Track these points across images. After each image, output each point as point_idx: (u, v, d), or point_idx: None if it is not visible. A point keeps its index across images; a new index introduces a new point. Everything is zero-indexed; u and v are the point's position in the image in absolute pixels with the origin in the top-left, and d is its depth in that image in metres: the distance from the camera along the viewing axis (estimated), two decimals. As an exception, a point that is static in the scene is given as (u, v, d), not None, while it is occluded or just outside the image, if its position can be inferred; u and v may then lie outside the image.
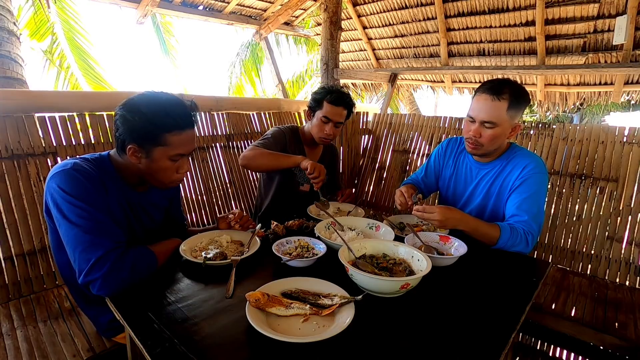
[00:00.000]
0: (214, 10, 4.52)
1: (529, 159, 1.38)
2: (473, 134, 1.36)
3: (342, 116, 1.80)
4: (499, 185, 1.44)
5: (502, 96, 1.29)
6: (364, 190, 3.09)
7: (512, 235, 1.27)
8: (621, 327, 1.52)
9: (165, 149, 1.03)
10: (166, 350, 0.73)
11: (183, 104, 1.06)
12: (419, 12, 3.98)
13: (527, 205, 1.33)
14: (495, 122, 1.31)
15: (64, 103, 1.90)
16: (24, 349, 1.22)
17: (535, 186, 1.34)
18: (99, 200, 0.99)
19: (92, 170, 1.02)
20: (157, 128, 1.00)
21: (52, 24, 4.89)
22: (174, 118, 1.02)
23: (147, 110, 0.99)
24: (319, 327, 0.81)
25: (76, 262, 0.93)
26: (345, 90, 1.86)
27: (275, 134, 1.85)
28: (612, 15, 3.02)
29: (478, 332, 0.84)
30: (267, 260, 1.15)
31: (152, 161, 1.04)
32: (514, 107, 1.30)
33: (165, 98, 1.04)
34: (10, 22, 3.18)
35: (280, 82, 5.35)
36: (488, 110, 1.31)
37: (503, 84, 1.31)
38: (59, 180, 0.96)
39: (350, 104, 1.82)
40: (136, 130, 1.00)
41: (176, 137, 1.03)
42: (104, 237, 0.94)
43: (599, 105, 3.96)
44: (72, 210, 0.94)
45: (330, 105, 1.77)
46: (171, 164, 1.07)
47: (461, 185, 1.59)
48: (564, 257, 2.07)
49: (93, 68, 5.25)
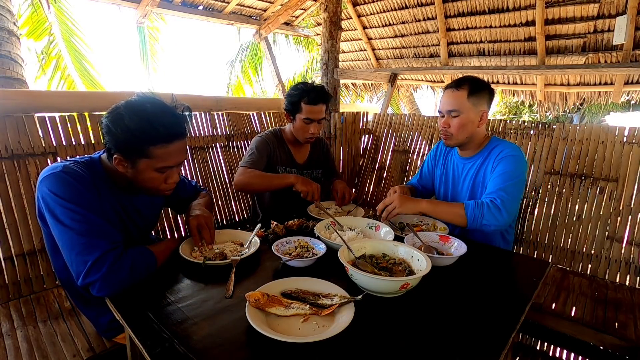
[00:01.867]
0: (214, 10, 4.52)
1: (505, 145, 1.47)
2: (443, 125, 1.49)
3: (322, 112, 1.77)
4: (482, 176, 1.51)
5: (461, 87, 1.44)
6: (364, 190, 3.09)
7: (477, 207, 1.32)
8: (621, 327, 1.52)
9: (150, 162, 0.99)
10: (166, 350, 0.73)
11: (172, 113, 1.00)
12: (419, 12, 3.98)
13: (499, 181, 1.39)
14: (458, 109, 1.44)
15: (64, 103, 1.90)
16: (24, 349, 1.22)
17: (510, 166, 1.40)
18: (92, 201, 0.97)
19: (83, 173, 1.00)
20: (141, 141, 0.96)
21: (50, 24, 4.89)
22: (159, 130, 0.96)
23: (130, 122, 0.94)
24: (318, 327, 0.81)
25: (73, 265, 0.93)
26: (317, 84, 1.80)
27: (259, 146, 1.80)
28: (612, 15, 3.02)
29: (478, 332, 0.84)
30: (267, 260, 1.15)
31: (137, 172, 1.01)
32: (473, 94, 1.43)
33: (151, 107, 0.97)
34: (10, 22, 3.19)
35: (280, 82, 5.35)
36: (450, 101, 1.46)
37: (463, 78, 1.47)
38: (49, 183, 0.94)
39: (328, 98, 1.78)
40: (120, 142, 0.96)
41: (162, 149, 0.98)
42: (99, 239, 0.93)
43: (599, 105, 3.95)
44: (65, 213, 0.92)
45: (309, 105, 1.72)
46: (158, 175, 1.03)
47: (451, 182, 1.67)
48: (564, 257, 2.07)
49: (88, 71, 5.25)
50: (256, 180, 1.68)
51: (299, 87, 1.77)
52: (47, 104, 1.82)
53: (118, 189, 1.10)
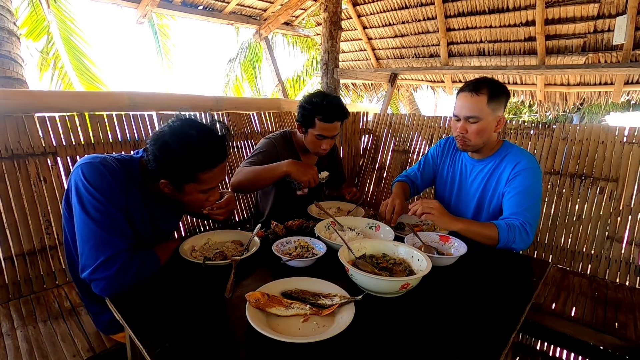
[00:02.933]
0: (214, 10, 4.52)
1: (521, 155, 1.43)
2: (460, 131, 1.42)
3: (336, 129, 1.66)
4: (494, 182, 1.48)
5: (480, 91, 1.36)
6: (364, 190, 3.09)
7: (509, 230, 1.29)
8: (621, 327, 1.52)
9: (197, 185, 1.03)
10: (166, 350, 0.73)
11: (215, 137, 1.02)
12: (419, 12, 3.98)
13: (521, 199, 1.36)
14: (478, 115, 1.37)
15: (64, 103, 1.90)
16: (24, 349, 1.22)
17: (528, 180, 1.37)
18: (118, 198, 0.99)
19: (119, 170, 1.02)
20: (190, 168, 0.99)
21: (48, 24, 4.89)
22: (206, 157, 1.00)
23: (178, 149, 0.96)
24: (319, 327, 0.81)
25: (83, 256, 0.94)
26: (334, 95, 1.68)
27: (264, 149, 1.72)
28: (612, 15, 3.02)
29: (478, 332, 0.84)
30: (267, 260, 1.15)
31: (183, 194, 1.05)
32: (493, 100, 1.36)
33: (197, 134, 0.98)
34: (10, 22, 3.19)
35: (280, 82, 5.35)
36: (469, 106, 1.38)
37: (480, 80, 1.39)
38: (86, 169, 0.97)
39: (346, 115, 1.66)
40: (168, 169, 0.99)
41: (208, 174, 1.02)
42: (117, 236, 0.95)
43: (599, 105, 3.96)
44: (91, 202, 0.94)
45: (323, 123, 1.61)
46: (203, 195, 1.07)
47: (457, 183, 1.62)
48: (564, 257, 2.07)
49: (89, 69, 5.24)
50: (246, 177, 1.57)
51: (314, 100, 1.63)
52: (47, 104, 1.82)
53: (149, 192, 1.11)
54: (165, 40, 6.81)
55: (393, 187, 1.73)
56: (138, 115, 2.01)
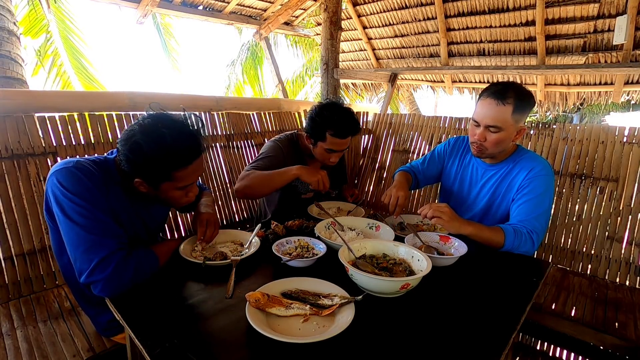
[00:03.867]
0: (214, 10, 4.52)
1: (536, 161, 1.38)
2: (478, 138, 1.36)
3: (348, 143, 1.60)
4: (505, 187, 1.44)
5: (507, 100, 1.27)
6: (364, 190, 3.09)
7: (516, 236, 1.27)
8: (621, 327, 1.52)
9: (172, 183, 1.01)
10: (166, 350, 0.73)
11: (189, 134, 1.00)
12: (419, 12, 3.98)
13: (532, 206, 1.33)
14: (501, 126, 1.30)
15: (64, 103, 1.90)
16: (24, 349, 1.22)
17: (541, 188, 1.34)
18: (101, 200, 0.97)
19: (95, 171, 1.00)
20: (163, 168, 0.97)
21: (47, 22, 4.89)
22: (180, 156, 0.97)
23: (149, 150, 0.93)
24: (319, 327, 0.81)
25: (77, 262, 0.92)
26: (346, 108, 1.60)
27: (271, 152, 1.67)
28: (612, 15, 3.02)
29: (478, 332, 0.84)
30: (267, 260, 1.15)
31: (159, 192, 1.03)
32: (519, 111, 1.29)
33: (169, 132, 0.95)
34: (10, 22, 3.19)
35: (280, 82, 5.35)
36: (493, 115, 1.30)
37: (508, 87, 1.29)
38: (61, 177, 0.95)
39: (358, 130, 1.58)
40: (141, 170, 0.97)
41: (183, 172, 1.00)
42: (107, 237, 0.93)
43: (599, 105, 3.96)
44: (73, 208, 0.92)
45: (335, 138, 1.54)
46: (180, 192, 1.06)
47: (466, 185, 1.59)
48: (564, 257, 2.07)
49: (86, 68, 5.25)
50: (254, 182, 1.52)
51: (325, 112, 1.54)
52: (47, 104, 1.82)
53: (130, 191, 1.10)
54: (169, 38, 6.82)
55: (396, 176, 1.67)
56: (138, 115, 2.01)
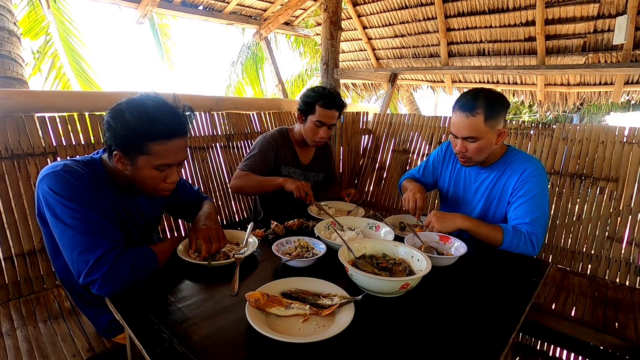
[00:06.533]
0: (214, 10, 4.52)
1: (528, 162, 1.39)
2: (459, 149, 1.39)
3: (334, 118, 1.80)
4: (500, 190, 1.45)
5: (475, 111, 1.29)
6: (364, 190, 3.09)
7: (515, 235, 1.28)
8: (621, 327, 1.52)
9: (149, 158, 0.99)
10: (166, 350, 0.73)
11: (173, 110, 1.00)
12: (419, 12, 3.97)
13: (529, 208, 1.34)
14: (476, 136, 1.32)
15: (64, 103, 1.90)
16: (24, 349, 1.22)
17: (536, 190, 1.35)
18: (92, 200, 0.97)
19: (83, 172, 1.00)
20: (140, 136, 0.95)
21: (47, 24, 4.89)
22: (158, 126, 0.96)
23: (130, 117, 0.94)
24: (318, 327, 0.81)
25: (74, 264, 0.92)
26: (334, 90, 1.83)
27: (261, 149, 1.82)
28: (612, 15, 3.02)
29: (478, 332, 0.84)
30: (267, 260, 1.15)
31: (136, 169, 1.01)
32: (491, 117, 1.29)
33: (152, 104, 0.97)
34: (10, 22, 3.19)
35: (280, 82, 5.35)
36: (465, 127, 1.32)
37: (476, 96, 1.30)
38: (50, 181, 0.94)
39: (342, 105, 1.81)
40: (119, 138, 0.96)
41: (161, 146, 0.98)
42: (101, 238, 0.93)
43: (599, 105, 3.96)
44: (66, 212, 0.92)
45: (323, 109, 1.76)
46: (157, 173, 1.02)
47: (460, 189, 1.60)
48: (564, 257, 2.07)
49: (85, 71, 5.25)
50: (249, 184, 1.73)
51: (316, 89, 1.80)
52: (47, 104, 1.82)
53: (119, 189, 1.10)
54: (166, 39, 6.82)
55: (403, 183, 1.75)
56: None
